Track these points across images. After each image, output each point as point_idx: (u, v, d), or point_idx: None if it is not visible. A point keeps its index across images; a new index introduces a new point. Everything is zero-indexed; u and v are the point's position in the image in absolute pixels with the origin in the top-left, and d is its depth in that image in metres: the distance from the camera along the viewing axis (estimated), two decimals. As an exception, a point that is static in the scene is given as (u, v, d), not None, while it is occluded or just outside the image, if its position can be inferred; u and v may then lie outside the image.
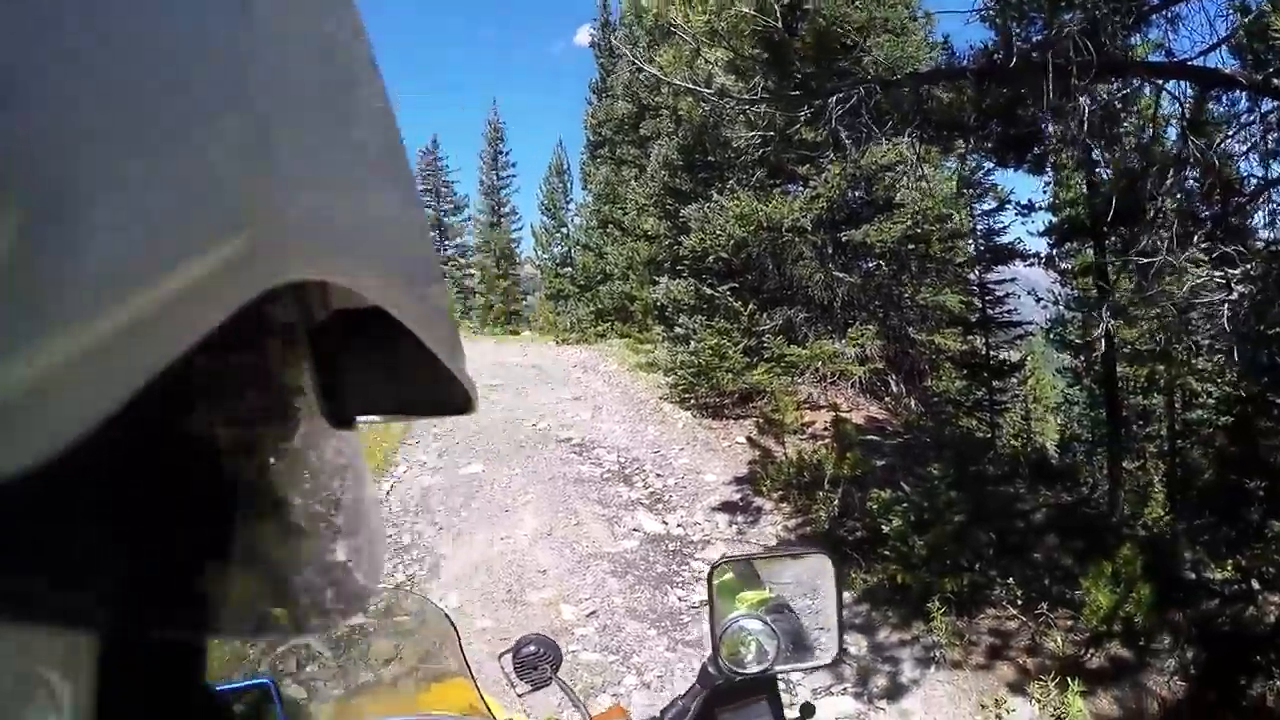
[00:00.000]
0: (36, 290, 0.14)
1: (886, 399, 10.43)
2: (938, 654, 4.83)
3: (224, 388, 0.25)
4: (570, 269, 23.88)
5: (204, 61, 0.18)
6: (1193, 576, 5.37)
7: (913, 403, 10.43)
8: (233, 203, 0.19)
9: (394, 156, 0.29)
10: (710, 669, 1.21)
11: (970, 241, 10.77)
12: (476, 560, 5.97)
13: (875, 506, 5.89)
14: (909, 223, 9.78)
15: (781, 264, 10.42)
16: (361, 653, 1.69)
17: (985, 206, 10.47)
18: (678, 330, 11.30)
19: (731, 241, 10.11)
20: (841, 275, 10.12)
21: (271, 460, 0.26)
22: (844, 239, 10.02)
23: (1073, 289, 10.54)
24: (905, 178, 9.34)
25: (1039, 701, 4.39)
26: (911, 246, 10.11)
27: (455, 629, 1.56)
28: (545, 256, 27.08)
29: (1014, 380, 11.10)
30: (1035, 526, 6.13)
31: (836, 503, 6.50)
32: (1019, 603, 5.12)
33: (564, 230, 26.97)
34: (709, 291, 10.67)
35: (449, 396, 0.34)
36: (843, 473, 6.61)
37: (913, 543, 5.37)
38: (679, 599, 5.24)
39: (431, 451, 9.32)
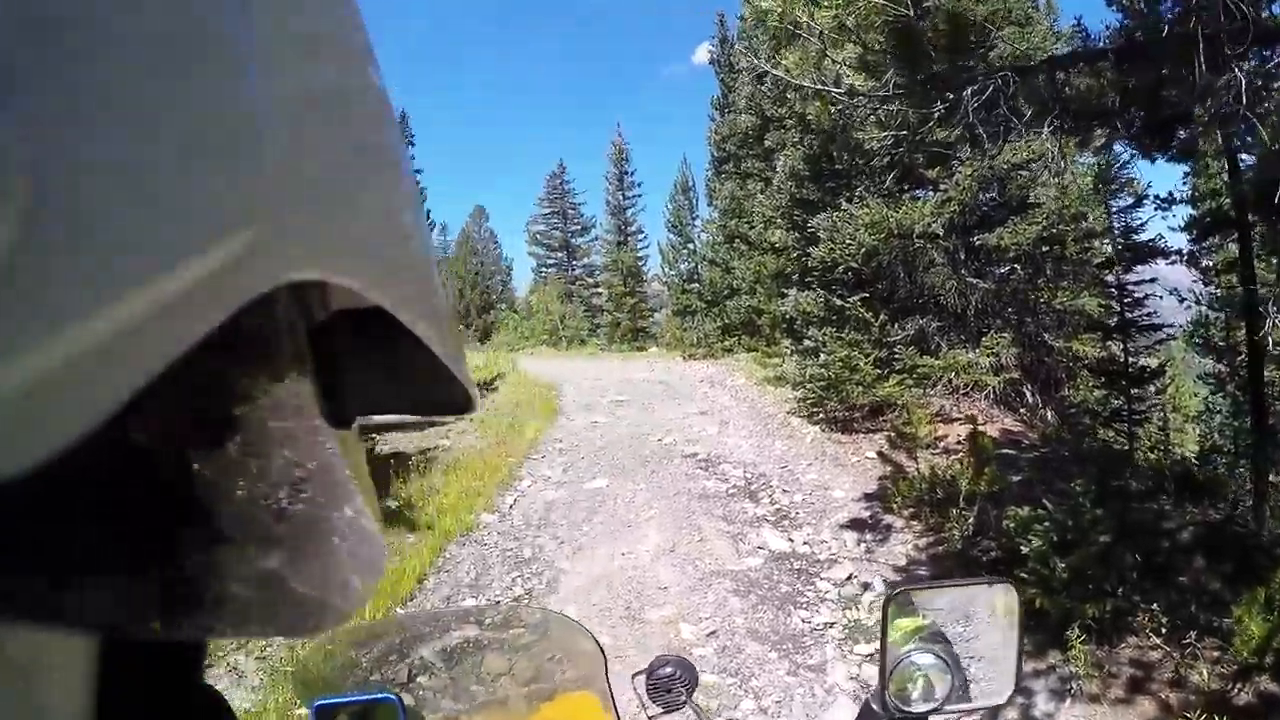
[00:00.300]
0: (36, 290, 0.14)
1: (1021, 410, 9.80)
2: (1074, 686, 4.38)
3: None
4: (697, 284, 23.95)
5: (204, 61, 0.19)
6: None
7: (1048, 414, 9.76)
8: (232, 203, 0.19)
9: (393, 155, 0.29)
10: (874, 705, 1.09)
11: (1106, 240, 10.03)
12: (596, 575, 5.87)
13: (1012, 525, 5.46)
14: (1044, 223, 9.17)
15: (913, 272, 9.98)
16: (474, 665, 1.65)
17: (1122, 202, 9.74)
18: (806, 343, 11.02)
19: (862, 250, 9.74)
20: (975, 281, 9.60)
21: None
22: (977, 243, 9.50)
23: (1215, 287, 9.70)
24: (1043, 175, 8.80)
25: (1181, 741, 3.91)
26: (1046, 248, 9.51)
27: (600, 648, 1.47)
28: (672, 273, 27.23)
29: (1152, 389, 10.18)
30: (1181, 546, 5.51)
31: (971, 521, 6.07)
32: (1163, 631, 4.59)
33: (690, 246, 27.13)
34: (839, 302, 10.33)
35: (450, 396, 0.34)
36: (979, 489, 6.18)
37: (1054, 565, 4.94)
38: (803, 620, 4.93)
39: (557, 466, 9.37)
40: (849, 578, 5.50)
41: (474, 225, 41.43)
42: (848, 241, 9.87)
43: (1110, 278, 9.85)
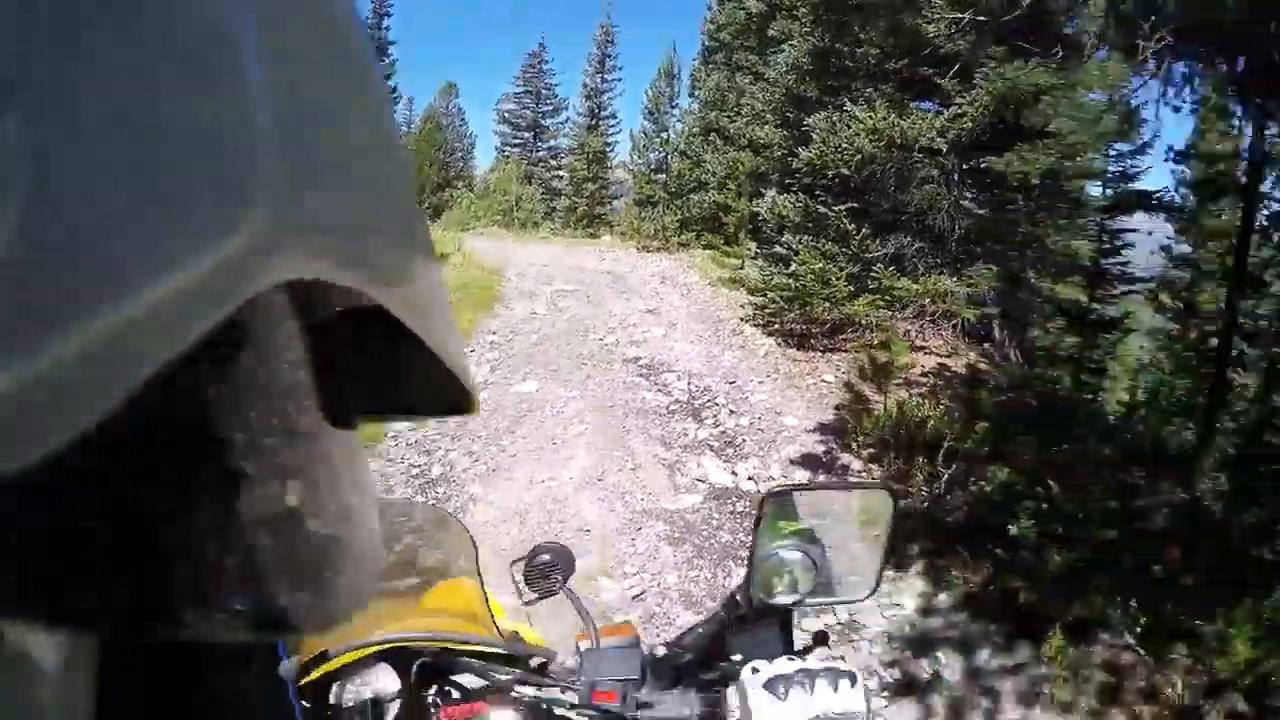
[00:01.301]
0: (36, 290, 0.14)
1: (987, 345, 9.11)
2: (1046, 690, 3.75)
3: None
4: (664, 175, 22.77)
5: (203, 61, 0.18)
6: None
7: (1013, 354, 9.04)
8: (231, 201, 0.19)
9: (391, 149, 0.28)
10: (737, 597, 1.14)
11: (1097, 183, 9.18)
12: (511, 506, 5.00)
13: (991, 492, 4.66)
14: (1056, 155, 8.25)
15: (905, 186, 8.99)
16: None
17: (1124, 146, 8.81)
18: (777, 249, 10.10)
19: (858, 157, 8.73)
20: (969, 205, 8.63)
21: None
22: (983, 165, 8.50)
23: (1193, 247, 9.02)
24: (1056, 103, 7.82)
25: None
26: (1048, 182, 8.61)
27: (471, 537, 1.48)
28: (640, 161, 25.86)
29: (1108, 339, 9.54)
30: (1153, 533, 4.74)
31: (945, 477, 5.20)
32: (1138, 630, 3.93)
33: (664, 135, 25.70)
34: (821, 210, 9.33)
35: (450, 396, 0.33)
36: (964, 445, 5.29)
37: (1048, 557, 4.18)
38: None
39: (485, 364, 8.39)
40: (798, 527, 4.62)
41: (441, 102, 39.40)
42: (844, 146, 8.84)
43: (1101, 222, 9.03)
